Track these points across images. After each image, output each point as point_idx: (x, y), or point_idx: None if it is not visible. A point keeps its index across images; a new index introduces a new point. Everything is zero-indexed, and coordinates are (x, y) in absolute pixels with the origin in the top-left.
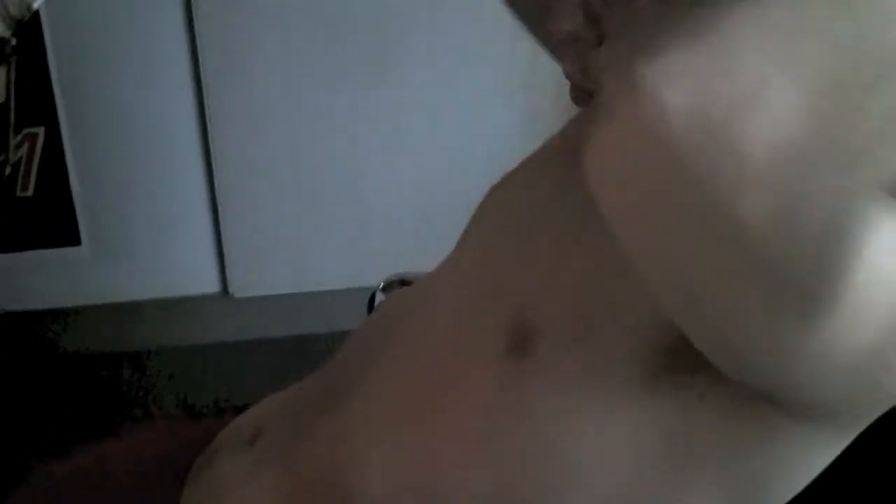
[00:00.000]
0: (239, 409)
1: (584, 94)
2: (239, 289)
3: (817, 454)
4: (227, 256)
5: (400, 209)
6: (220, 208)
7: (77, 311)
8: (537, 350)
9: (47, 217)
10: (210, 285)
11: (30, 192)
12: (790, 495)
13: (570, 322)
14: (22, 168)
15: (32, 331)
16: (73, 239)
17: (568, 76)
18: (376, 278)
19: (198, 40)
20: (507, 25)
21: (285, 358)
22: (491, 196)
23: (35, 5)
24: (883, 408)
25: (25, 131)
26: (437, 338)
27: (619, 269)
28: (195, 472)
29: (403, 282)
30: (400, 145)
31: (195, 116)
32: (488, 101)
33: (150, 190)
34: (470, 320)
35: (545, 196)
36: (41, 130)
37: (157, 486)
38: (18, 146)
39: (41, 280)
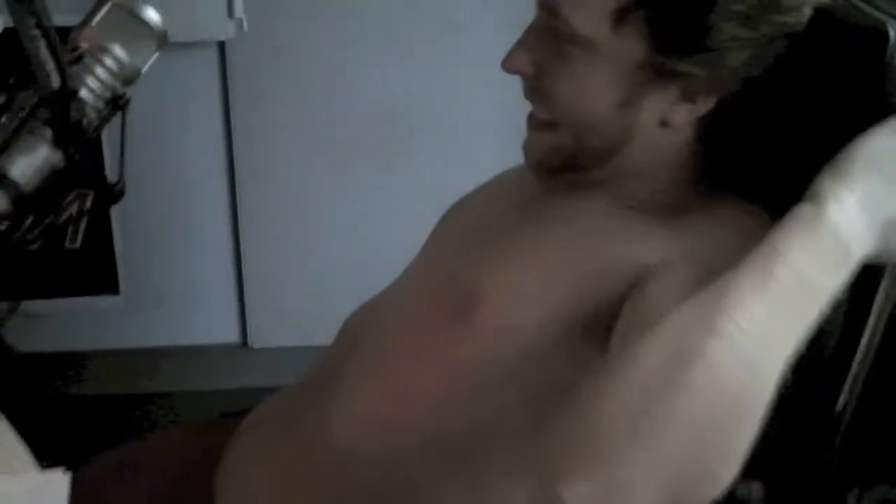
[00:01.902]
0: None
1: (543, 169)
2: (258, 340)
3: None
4: (247, 310)
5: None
6: (243, 266)
7: (111, 354)
8: (473, 313)
9: (91, 268)
10: (231, 336)
11: (77, 245)
12: None
13: (506, 295)
14: (71, 223)
15: (71, 370)
16: (113, 288)
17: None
18: None
19: (231, 116)
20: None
21: None
22: (448, 214)
23: (143, 69)
24: None
25: (77, 191)
26: (398, 314)
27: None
28: (225, 455)
29: None
30: (406, 216)
31: (226, 185)
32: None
33: (182, 247)
34: (425, 298)
35: (499, 209)
36: (91, 192)
37: (190, 474)
38: (70, 204)
39: (82, 324)
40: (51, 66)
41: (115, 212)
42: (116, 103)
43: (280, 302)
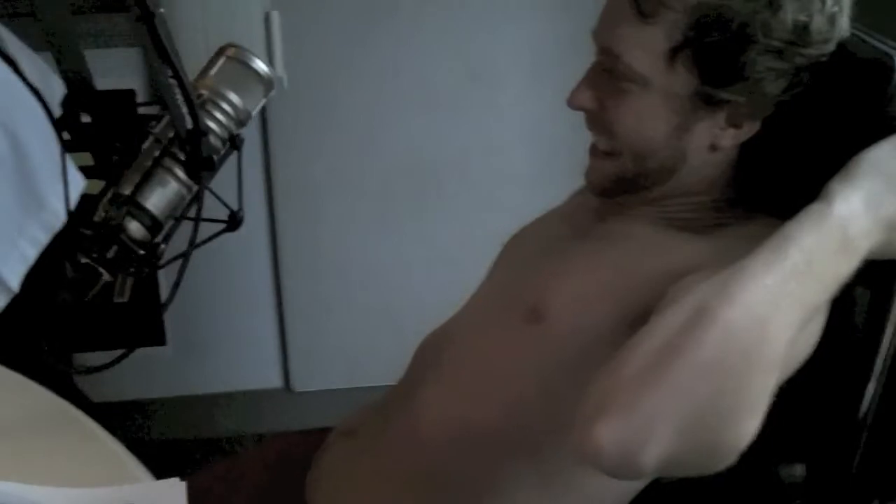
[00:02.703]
0: None
1: (604, 194)
2: (300, 384)
3: None
4: (289, 355)
5: (441, 313)
6: (285, 312)
7: (160, 403)
8: (542, 319)
9: (139, 320)
10: (274, 381)
11: (125, 299)
12: None
13: (568, 305)
14: (119, 278)
15: (122, 419)
16: (160, 339)
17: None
18: None
19: (272, 169)
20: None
21: None
22: (510, 242)
23: (253, 113)
24: None
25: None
26: (473, 330)
27: (603, 289)
28: (315, 461)
29: None
30: (439, 260)
31: (267, 235)
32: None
33: (225, 296)
34: (497, 312)
35: (556, 234)
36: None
37: (286, 476)
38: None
39: (131, 374)
40: (184, 109)
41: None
42: (233, 142)
43: (321, 346)
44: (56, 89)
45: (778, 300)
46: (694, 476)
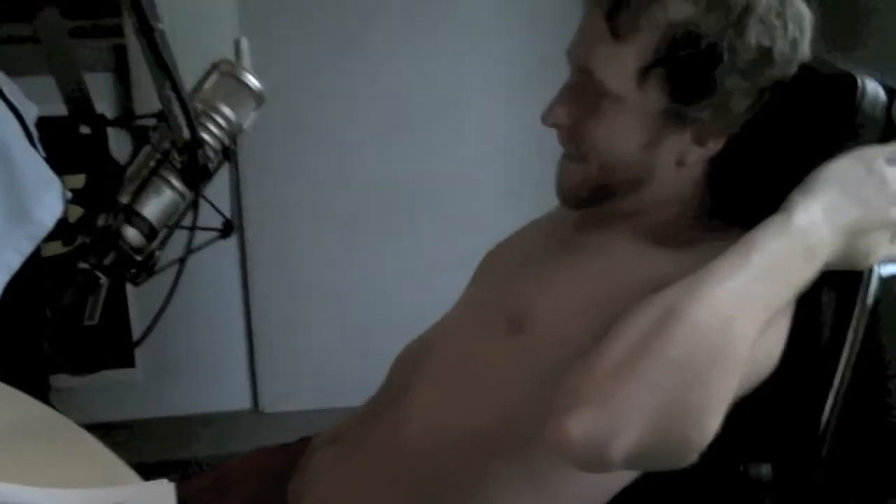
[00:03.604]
0: None
1: (572, 198)
2: (269, 405)
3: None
4: (258, 376)
5: (412, 332)
6: (254, 335)
7: (130, 425)
8: (526, 329)
9: (108, 343)
10: (243, 402)
11: (95, 321)
12: None
13: (548, 314)
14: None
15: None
16: (129, 362)
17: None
18: None
19: (241, 194)
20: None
21: None
22: (490, 255)
23: (245, 125)
24: None
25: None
26: (456, 339)
27: (586, 298)
28: (299, 469)
29: None
30: (410, 281)
31: (237, 259)
32: (472, 255)
33: (195, 319)
34: (480, 322)
35: (537, 246)
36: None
37: (271, 484)
38: None
39: (101, 397)
40: (182, 121)
41: (131, 289)
42: (226, 154)
43: (290, 367)
44: (31, 111)
45: (741, 302)
46: (658, 471)
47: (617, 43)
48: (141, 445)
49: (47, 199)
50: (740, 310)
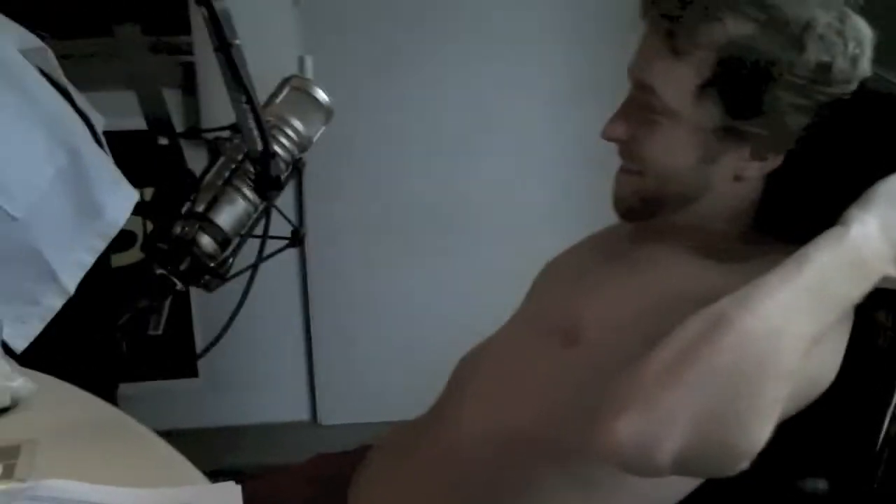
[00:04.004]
0: None
1: (626, 210)
2: (327, 416)
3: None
4: (317, 388)
5: (465, 347)
6: (313, 348)
7: (189, 433)
8: (580, 342)
9: (172, 353)
10: (302, 413)
11: (159, 332)
12: None
13: (601, 326)
14: (155, 312)
15: None
16: (192, 372)
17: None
18: None
19: (304, 210)
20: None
21: None
22: (545, 269)
23: (314, 138)
24: None
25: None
26: (510, 350)
27: (638, 311)
28: (355, 478)
29: None
30: (461, 296)
31: (298, 273)
32: (522, 270)
33: (256, 334)
34: (534, 334)
35: (591, 260)
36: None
37: (329, 490)
38: None
39: (162, 405)
40: (256, 133)
41: (195, 301)
42: (296, 165)
43: (348, 380)
44: (99, 121)
45: (792, 314)
46: (709, 477)
47: (676, 60)
48: (200, 454)
49: (117, 198)
50: (790, 321)
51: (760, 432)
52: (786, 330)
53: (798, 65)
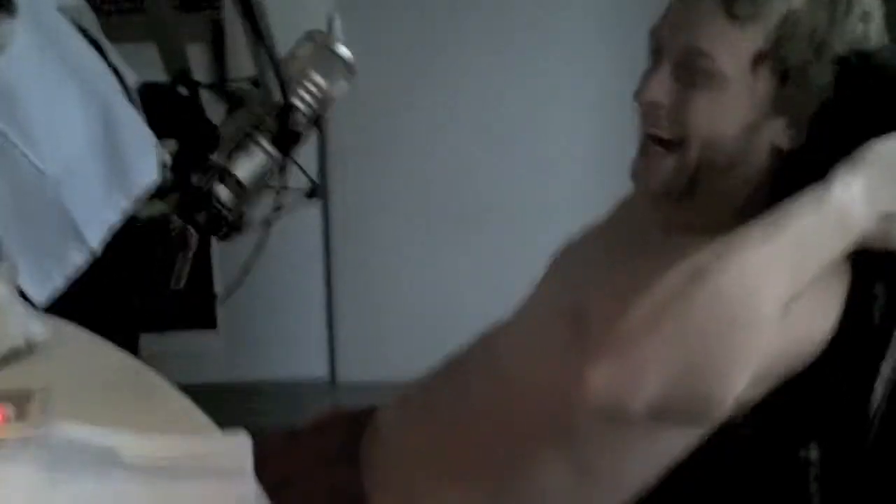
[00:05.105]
0: None
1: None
2: (345, 374)
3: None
4: (336, 346)
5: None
6: (334, 306)
7: (207, 389)
8: (585, 321)
9: (192, 305)
10: (320, 370)
11: (180, 287)
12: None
13: (608, 308)
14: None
15: None
16: (211, 323)
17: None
18: None
19: (328, 172)
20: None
21: None
22: (556, 255)
23: (336, 95)
24: None
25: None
26: (521, 331)
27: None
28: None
29: None
30: (481, 274)
31: (321, 232)
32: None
33: (277, 291)
34: (544, 317)
35: (599, 248)
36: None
37: (343, 442)
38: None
39: (181, 359)
40: (275, 85)
41: (216, 254)
42: (317, 122)
43: (366, 339)
44: (131, 77)
45: (768, 270)
46: (685, 426)
47: (732, 25)
48: (217, 409)
49: (147, 159)
50: (766, 278)
51: (733, 383)
52: (761, 287)
53: (843, 36)
